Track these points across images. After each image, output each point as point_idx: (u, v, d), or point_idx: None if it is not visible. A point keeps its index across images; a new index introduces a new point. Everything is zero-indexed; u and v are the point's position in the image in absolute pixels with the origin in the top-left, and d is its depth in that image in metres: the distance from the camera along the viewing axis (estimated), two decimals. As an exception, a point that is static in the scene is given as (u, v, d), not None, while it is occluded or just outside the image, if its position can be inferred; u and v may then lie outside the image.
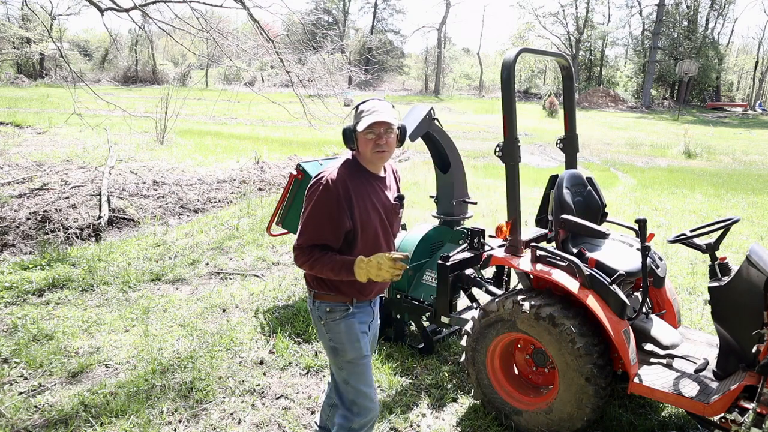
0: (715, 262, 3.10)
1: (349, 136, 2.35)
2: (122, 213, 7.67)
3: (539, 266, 3.12)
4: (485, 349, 3.24)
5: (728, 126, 31.78)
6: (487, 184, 10.97)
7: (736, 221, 3.15)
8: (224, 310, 4.90)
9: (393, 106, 2.40)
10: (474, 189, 9.77)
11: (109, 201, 7.83)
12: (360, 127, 2.28)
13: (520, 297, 3.07)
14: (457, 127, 23.53)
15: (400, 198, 2.51)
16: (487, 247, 4.03)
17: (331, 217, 2.25)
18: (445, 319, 3.86)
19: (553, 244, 3.44)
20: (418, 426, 3.31)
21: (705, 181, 12.58)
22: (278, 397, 3.58)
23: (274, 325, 4.54)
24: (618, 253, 3.33)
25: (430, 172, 11.60)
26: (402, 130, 2.38)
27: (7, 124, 16.79)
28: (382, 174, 2.45)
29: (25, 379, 3.68)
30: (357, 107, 2.37)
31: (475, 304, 4.12)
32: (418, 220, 7.75)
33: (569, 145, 3.78)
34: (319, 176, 2.29)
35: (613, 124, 29.28)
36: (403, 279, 4.20)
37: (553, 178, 3.56)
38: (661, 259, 3.43)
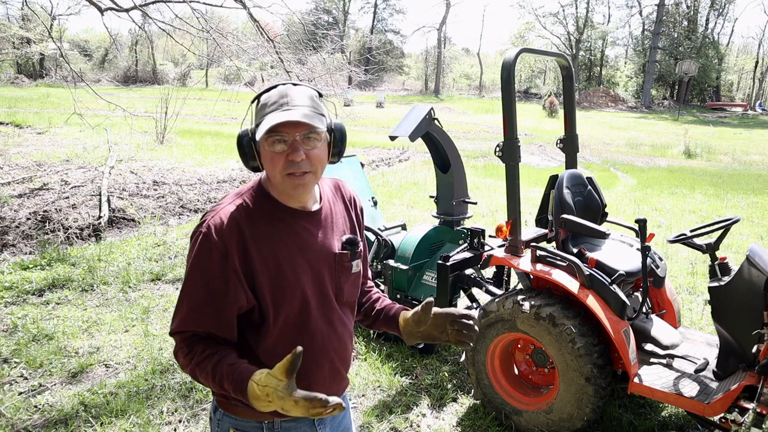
0: (715, 262, 3.11)
1: (248, 148, 1.40)
2: (122, 213, 7.67)
3: (539, 266, 3.12)
4: (485, 349, 3.24)
5: (728, 126, 31.78)
6: (487, 184, 10.97)
7: (736, 221, 3.16)
8: (224, 310, 4.89)
9: (319, 95, 1.46)
10: (474, 189, 9.77)
11: (109, 201, 7.83)
12: (259, 133, 1.34)
13: (520, 297, 3.07)
14: (457, 127, 23.52)
15: (349, 242, 1.54)
16: (487, 247, 4.03)
17: (210, 290, 1.36)
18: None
19: (553, 244, 3.45)
20: (418, 426, 3.31)
21: (705, 181, 12.58)
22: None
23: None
24: (618, 253, 3.33)
25: (430, 172, 11.59)
26: (337, 132, 1.45)
27: (7, 124, 16.79)
28: (312, 207, 1.50)
29: (25, 379, 3.68)
30: (258, 98, 1.43)
31: (475, 304, 4.13)
32: (418, 220, 7.75)
33: (569, 145, 3.78)
34: (202, 219, 1.42)
35: (613, 124, 29.29)
36: (403, 279, 4.19)
37: (553, 178, 3.56)
38: (661, 259, 3.43)
